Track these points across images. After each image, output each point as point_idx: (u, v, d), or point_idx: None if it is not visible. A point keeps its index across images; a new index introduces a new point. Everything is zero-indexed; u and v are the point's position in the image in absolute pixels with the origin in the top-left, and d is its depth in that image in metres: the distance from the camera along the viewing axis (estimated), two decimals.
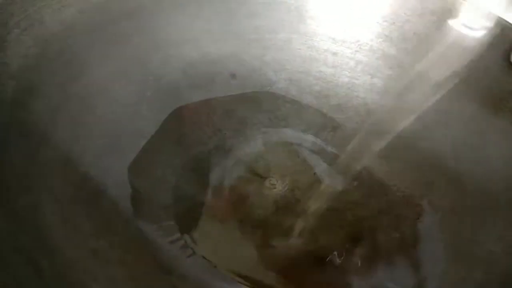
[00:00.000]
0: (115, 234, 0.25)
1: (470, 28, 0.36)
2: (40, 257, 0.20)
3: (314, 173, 0.34)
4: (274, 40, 0.39)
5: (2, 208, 0.21)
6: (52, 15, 0.30)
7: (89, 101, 0.30)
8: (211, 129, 0.35)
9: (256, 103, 0.38)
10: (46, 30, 0.29)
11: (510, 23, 0.34)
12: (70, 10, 0.31)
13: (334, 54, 0.39)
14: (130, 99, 0.33)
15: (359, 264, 0.27)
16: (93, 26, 0.32)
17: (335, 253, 0.26)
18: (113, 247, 0.24)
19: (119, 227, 0.25)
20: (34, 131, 0.26)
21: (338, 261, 0.26)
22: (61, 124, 0.28)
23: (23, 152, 0.25)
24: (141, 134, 0.32)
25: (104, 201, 0.26)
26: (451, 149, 0.33)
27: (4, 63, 0.27)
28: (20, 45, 0.28)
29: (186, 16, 0.37)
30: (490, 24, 0.35)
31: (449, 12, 0.36)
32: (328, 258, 0.26)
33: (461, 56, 0.35)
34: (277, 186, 0.33)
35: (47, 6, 0.30)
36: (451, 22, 0.36)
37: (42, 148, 0.26)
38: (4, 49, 0.27)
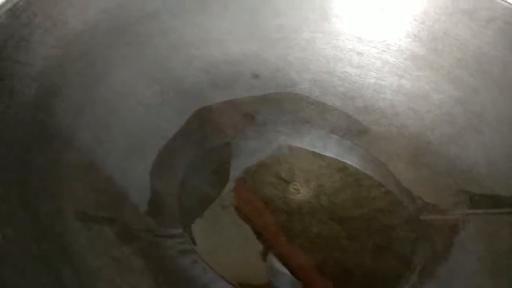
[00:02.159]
0: (137, 241, 0.24)
1: (503, 27, 0.34)
2: (62, 266, 0.20)
3: (340, 178, 0.33)
4: (297, 40, 0.38)
5: (26, 215, 0.21)
6: (76, 15, 0.30)
7: (112, 102, 0.30)
8: (233, 130, 0.35)
9: (279, 104, 0.37)
10: (69, 30, 0.29)
11: None
12: (94, 9, 0.31)
13: (360, 54, 0.38)
14: (152, 100, 0.33)
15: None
16: (116, 27, 0.32)
17: None
18: (135, 254, 0.23)
19: (141, 233, 0.25)
20: (57, 134, 0.26)
21: None
22: (84, 126, 0.27)
23: (46, 156, 0.24)
24: (163, 135, 0.31)
25: (126, 206, 0.26)
26: (483, 155, 0.32)
27: (27, 64, 0.26)
28: (43, 46, 0.28)
29: (209, 16, 0.36)
30: None
31: (481, 11, 0.35)
32: None
33: (494, 57, 0.34)
34: (301, 191, 0.32)
35: (71, 6, 0.29)
36: (482, 22, 0.35)
37: (65, 151, 0.26)
38: (27, 50, 0.26)
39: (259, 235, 0.28)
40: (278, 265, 0.26)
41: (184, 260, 0.25)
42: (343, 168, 0.33)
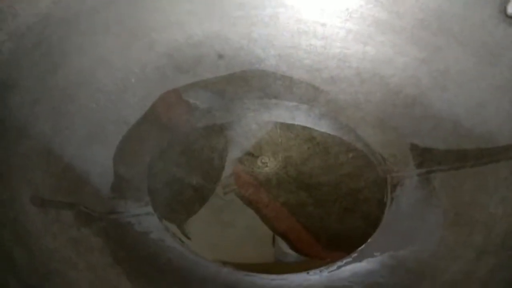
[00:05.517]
0: (97, 222, 0.24)
1: None
2: (13, 247, 0.20)
3: (308, 148, 0.33)
4: (260, 16, 0.37)
5: None
6: (26, 8, 0.30)
7: (70, 91, 0.30)
8: (200, 111, 0.35)
9: (246, 82, 0.37)
10: (20, 23, 0.29)
11: None
12: (45, 1, 0.31)
13: (323, 25, 0.37)
14: (114, 87, 0.33)
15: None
16: (70, 16, 0.32)
17: None
18: (95, 235, 0.23)
19: (102, 215, 0.25)
20: (13, 125, 0.26)
21: None
22: (42, 116, 0.28)
23: (2, 145, 0.25)
24: (126, 121, 0.31)
25: (87, 190, 0.26)
26: (449, 112, 0.32)
27: None
28: None
29: None
30: None
31: None
32: None
33: (455, 14, 0.34)
34: (269, 164, 0.32)
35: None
36: None
37: (22, 140, 0.26)
38: None
39: (226, 208, 0.29)
40: (284, 246, 0.27)
41: (147, 238, 0.25)
42: (311, 138, 0.34)
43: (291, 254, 0.26)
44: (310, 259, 0.26)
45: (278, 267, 0.26)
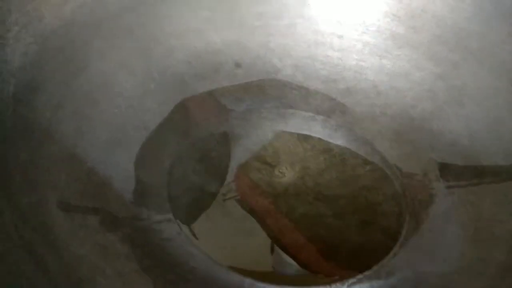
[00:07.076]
0: (122, 228, 0.24)
1: (479, 1, 0.34)
2: (45, 253, 0.20)
3: (325, 159, 0.33)
4: (278, 26, 0.38)
5: (8, 205, 0.21)
6: (51, 11, 0.30)
7: (92, 95, 0.30)
8: (218, 119, 0.35)
9: (262, 91, 0.37)
10: (45, 26, 0.29)
11: None
12: (69, 5, 0.31)
13: (340, 37, 0.38)
14: (134, 92, 0.33)
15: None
16: (93, 21, 0.32)
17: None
18: (120, 241, 0.23)
19: (126, 221, 0.25)
20: (38, 127, 0.26)
21: None
22: (65, 119, 0.28)
23: (27, 148, 0.25)
24: (146, 126, 0.32)
25: (110, 195, 0.26)
26: (466, 128, 0.32)
27: (4, 60, 0.26)
28: (19, 43, 0.28)
29: (188, 6, 0.36)
30: None
31: None
32: None
33: (472, 31, 0.34)
34: (286, 174, 0.32)
35: (45, 3, 0.30)
36: None
37: (47, 143, 0.26)
38: (4, 47, 0.27)
39: (245, 217, 0.29)
40: (284, 256, 0.27)
41: (171, 245, 0.25)
42: (328, 149, 0.34)
43: (291, 265, 0.26)
44: (312, 273, 0.26)
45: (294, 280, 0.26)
